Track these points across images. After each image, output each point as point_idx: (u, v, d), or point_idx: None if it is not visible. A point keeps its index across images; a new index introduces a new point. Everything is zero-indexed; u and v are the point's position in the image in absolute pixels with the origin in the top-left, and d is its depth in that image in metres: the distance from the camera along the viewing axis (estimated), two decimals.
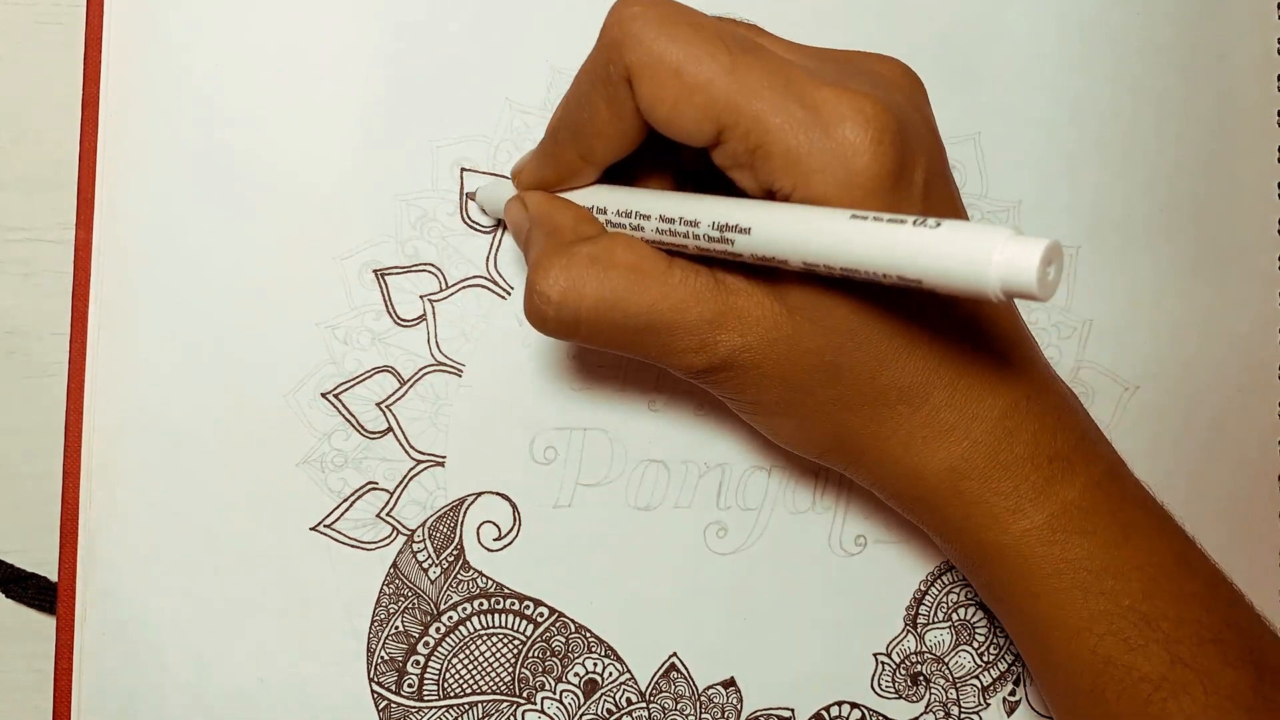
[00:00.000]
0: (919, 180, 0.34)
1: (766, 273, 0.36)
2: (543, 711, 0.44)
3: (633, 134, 0.36)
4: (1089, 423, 0.39)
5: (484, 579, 0.44)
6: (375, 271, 0.43)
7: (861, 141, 0.33)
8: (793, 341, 0.36)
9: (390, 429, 0.43)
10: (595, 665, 0.44)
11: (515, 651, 0.44)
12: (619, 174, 0.39)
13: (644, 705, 0.44)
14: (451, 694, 0.43)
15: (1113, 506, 0.38)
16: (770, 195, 0.35)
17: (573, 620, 0.44)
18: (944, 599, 0.45)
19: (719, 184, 0.36)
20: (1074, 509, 0.37)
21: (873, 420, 0.37)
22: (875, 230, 0.30)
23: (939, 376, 0.36)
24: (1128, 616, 0.37)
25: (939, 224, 0.29)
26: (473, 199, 0.44)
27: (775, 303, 0.36)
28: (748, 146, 0.34)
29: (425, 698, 0.43)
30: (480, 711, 0.44)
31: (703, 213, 0.35)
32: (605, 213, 0.38)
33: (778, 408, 0.38)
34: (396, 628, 0.43)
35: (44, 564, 0.44)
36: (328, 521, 0.43)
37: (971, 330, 0.37)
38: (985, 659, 0.46)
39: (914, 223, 0.29)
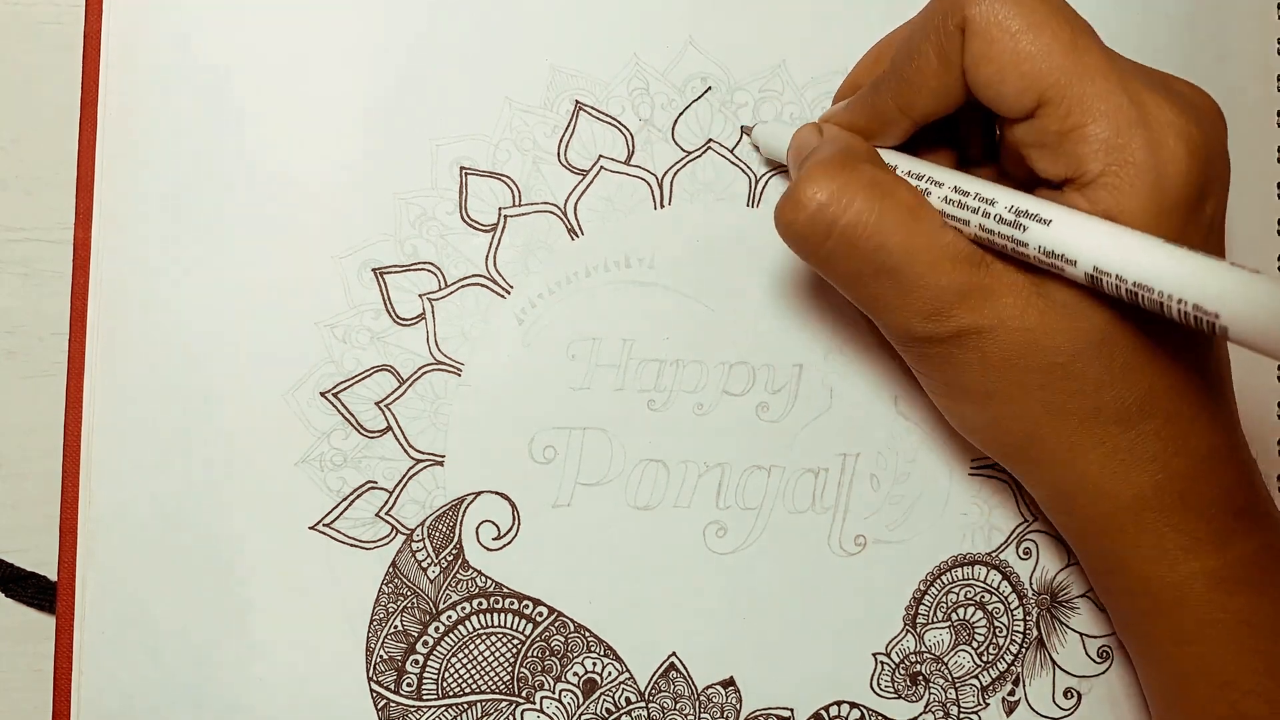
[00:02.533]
0: (1209, 211, 0.35)
1: (1028, 267, 0.36)
2: (542, 711, 0.44)
3: (956, 92, 0.36)
4: (1266, 491, 0.39)
5: (483, 578, 0.44)
6: (374, 270, 0.43)
7: (1180, 153, 0.33)
8: (1034, 335, 0.35)
9: (389, 428, 0.43)
10: (594, 665, 0.44)
11: (514, 651, 0.44)
12: (905, 147, 0.40)
13: (643, 705, 0.44)
14: (450, 693, 0.43)
15: None
16: (1064, 183, 0.35)
17: (572, 620, 0.44)
18: (943, 599, 0.45)
19: (997, 175, 0.38)
20: (1248, 563, 0.37)
21: (1077, 431, 0.37)
22: (1187, 257, 0.31)
23: (1159, 404, 0.36)
24: (1279, 680, 0.37)
25: (1257, 273, 0.29)
26: (747, 134, 0.45)
27: (1032, 293, 0.36)
28: (1064, 126, 0.34)
29: (424, 697, 0.43)
30: (479, 711, 0.44)
31: (1002, 195, 0.35)
32: (894, 169, 0.38)
33: (980, 396, 0.38)
34: (396, 627, 0.43)
35: (44, 564, 0.44)
36: (327, 521, 0.43)
37: (1201, 366, 0.36)
38: (984, 659, 0.46)
39: (1231, 263, 0.30)
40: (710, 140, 0.45)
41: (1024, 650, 0.46)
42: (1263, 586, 0.37)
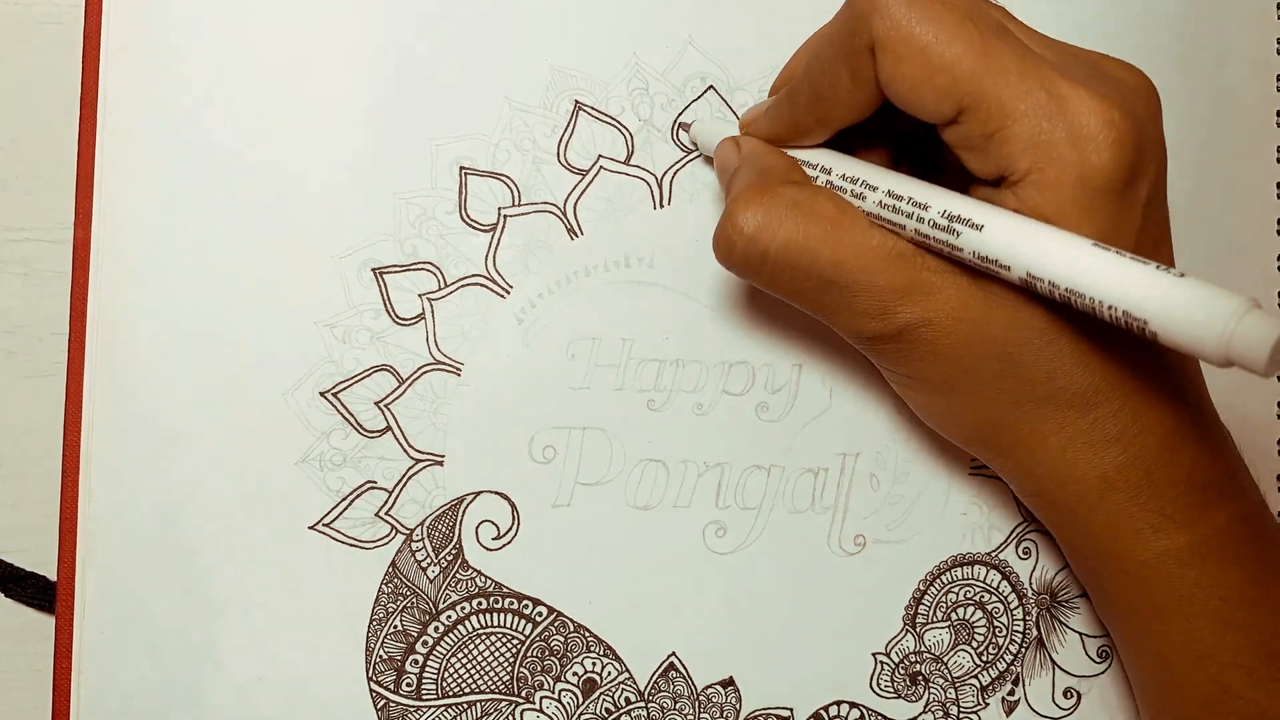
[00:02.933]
0: (1143, 193, 0.35)
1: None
2: (541, 711, 0.44)
3: (870, 103, 0.37)
4: (1240, 460, 0.39)
5: (483, 578, 0.44)
6: (374, 270, 0.43)
7: (1104, 140, 0.33)
8: (978, 326, 0.36)
9: (389, 428, 0.43)
10: (594, 664, 0.44)
11: (514, 651, 0.44)
12: (837, 142, 0.40)
13: (643, 705, 0.44)
14: (450, 693, 0.43)
15: (1257, 543, 0.38)
16: (998, 181, 0.35)
17: (571, 619, 0.44)
18: (943, 599, 0.45)
19: (935, 166, 0.38)
20: (1219, 537, 0.37)
21: (1035, 418, 0.37)
22: (1116, 263, 0.31)
23: (1115, 387, 0.36)
24: (1257, 651, 0.37)
25: (1182, 276, 0.30)
26: (685, 129, 0.45)
27: (972, 284, 0.36)
28: (986, 130, 0.34)
29: (424, 697, 0.43)
30: (479, 711, 0.44)
31: (936, 199, 0.35)
32: (829, 173, 0.38)
33: (940, 387, 0.38)
34: (395, 627, 0.43)
35: (44, 564, 0.44)
36: (326, 520, 0.43)
37: (1154, 346, 0.36)
38: (984, 659, 0.46)
39: (1156, 267, 0.30)
40: None
41: (1024, 650, 0.46)
42: (1237, 558, 0.37)
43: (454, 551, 0.44)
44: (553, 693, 0.44)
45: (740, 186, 0.38)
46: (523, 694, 0.44)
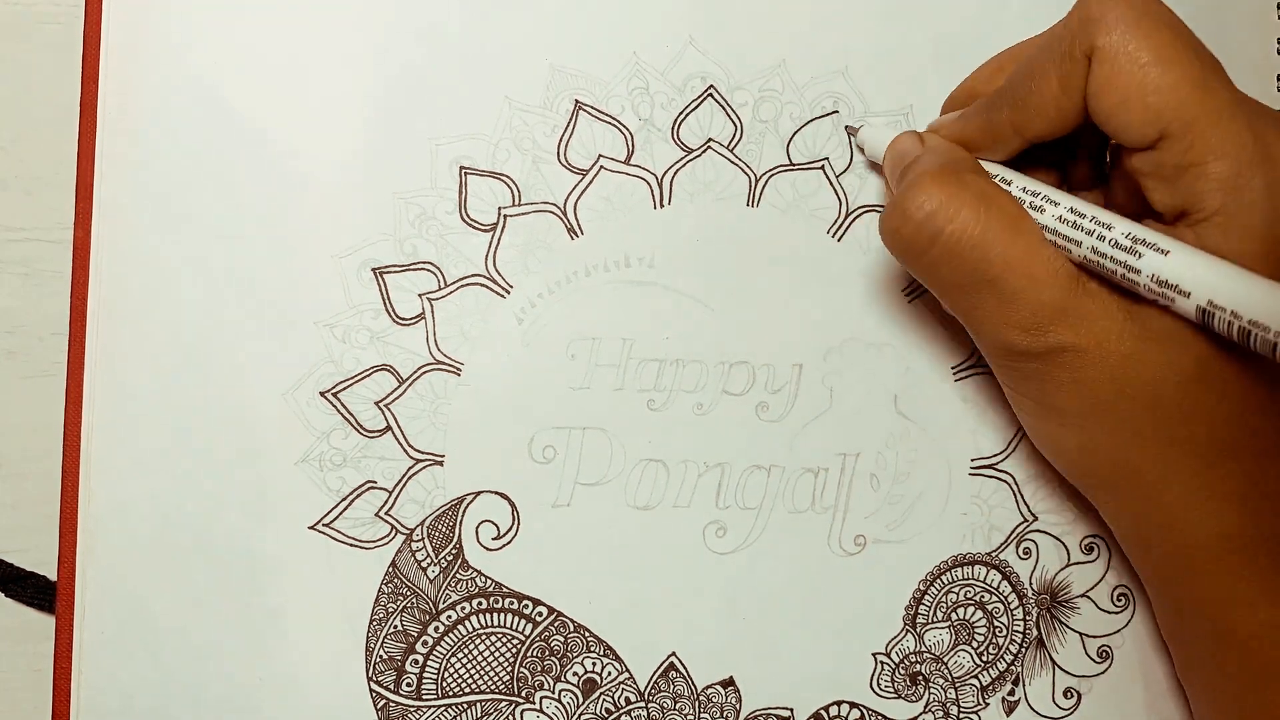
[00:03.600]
0: None
1: (1128, 293, 0.36)
2: (541, 711, 0.44)
3: (1071, 117, 0.37)
4: None
5: (483, 578, 0.44)
6: (374, 270, 0.43)
7: None
8: (1127, 361, 0.36)
9: (389, 428, 0.43)
10: (594, 665, 0.44)
11: (514, 651, 0.44)
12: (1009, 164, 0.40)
13: (643, 705, 0.44)
14: (450, 693, 0.43)
15: None
16: (1176, 217, 0.35)
17: (571, 620, 0.44)
18: (943, 599, 0.45)
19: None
20: None
21: (1163, 461, 0.36)
22: None
23: (1250, 442, 0.36)
24: None
25: None
26: (853, 134, 0.45)
27: (1128, 319, 0.36)
28: (1184, 161, 0.34)
29: (424, 697, 0.43)
30: (479, 711, 0.44)
31: (1118, 220, 0.35)
32: (1009, 185, 0.38)
33: (1069, 417, 0.38)
34: (395, 627, 0.43)
35: (44, 564, 0.44)
36: (326, 520, 0.43)
37: None
38: (984, 659, 0.46)
39: None
40: (710, 140, 0.45)
41: (1024, 650, 0.46)
42: None
43: (454, 551, 0.44)
44: (553, 693, 0.44)
45: (923, 168, 0.37)
46: (523, 694, 0.44)
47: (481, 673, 0.44)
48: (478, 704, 0.44)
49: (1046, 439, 0.40)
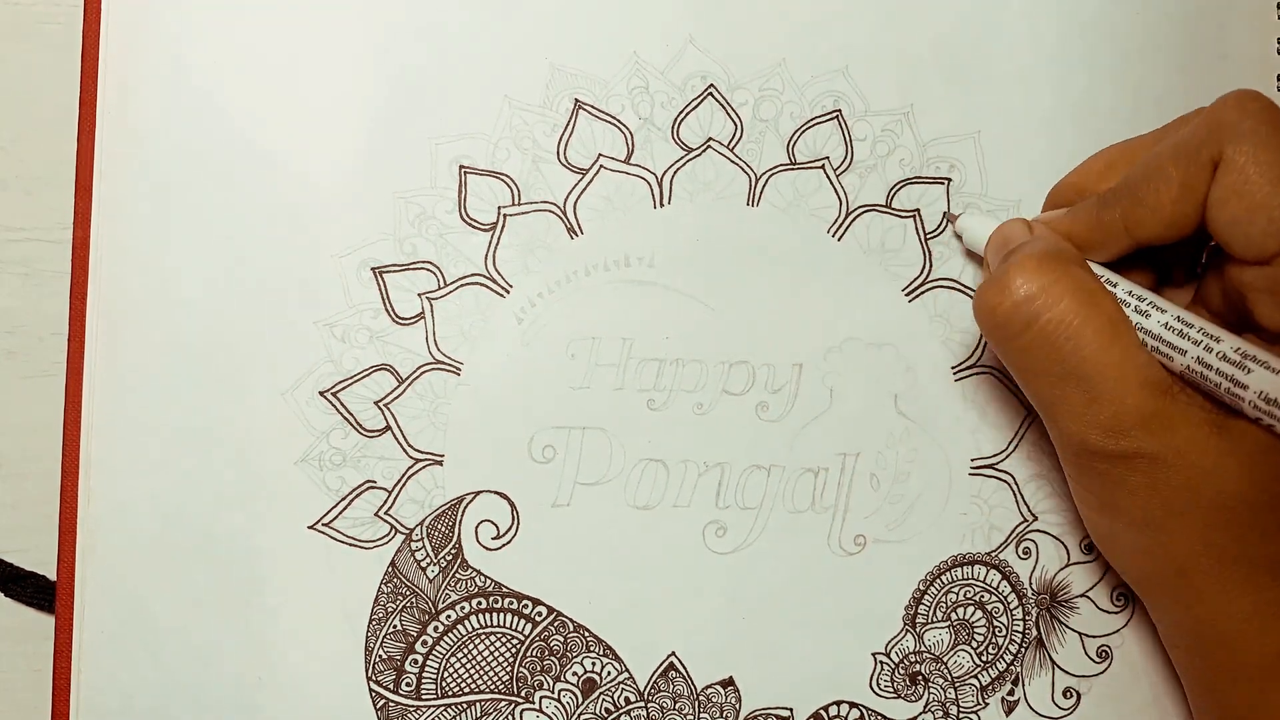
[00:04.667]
0: None
1: (1218, 405, 0.36)
2: (541, 711, 0.44)
3: (1188, 223, 0.36)
4: None
5: (482, 578, 0.44)
6: (373, 269, 0.43)
7: None
8: (1209, 476, 0.35)
9: (388, 427, 0.43)
10: (594, 664, 0.44)
11: (513, 651, 0.44)
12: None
13: (642, 705, 0.44)
14: (449, 693, 0.43)
15: None
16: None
17: (571, 619, 0.44)
18: (943, 599, 0.45)
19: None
20: None
21: (1230, 576, 0.36)
22: None
23: None
24: None
25: None
26: (951, 220, 0.45)
27: (1214, 432, 0.35)
28: None
29: (423, 697, 0.43)
30: (478, 710, 0.44)
31: (1225, 334, 0.35)
32: (1115, 286, 0.38)
33: (1136, 521, 0.37)
34: (395, 626, 0.43)
35: (44, 564, 0.44)
36: (326, 520, 0.43)
37: None
38: (984, 659, 0.45)
39: None
40: (710, 139, 0.45)
41: (1023, 650, 0.46)
42: None
43: (453, 551, 0.44)
44: (552, 693, 0.44)
45: (1029, 252, 0.37)
46: (522, 694, 0.44)
47: (481, 672, 0.44)
48: (477, 704, 0.44)
49: (1106, 535, 0.40)
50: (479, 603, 0.44)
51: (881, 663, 0.45)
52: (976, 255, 0.45)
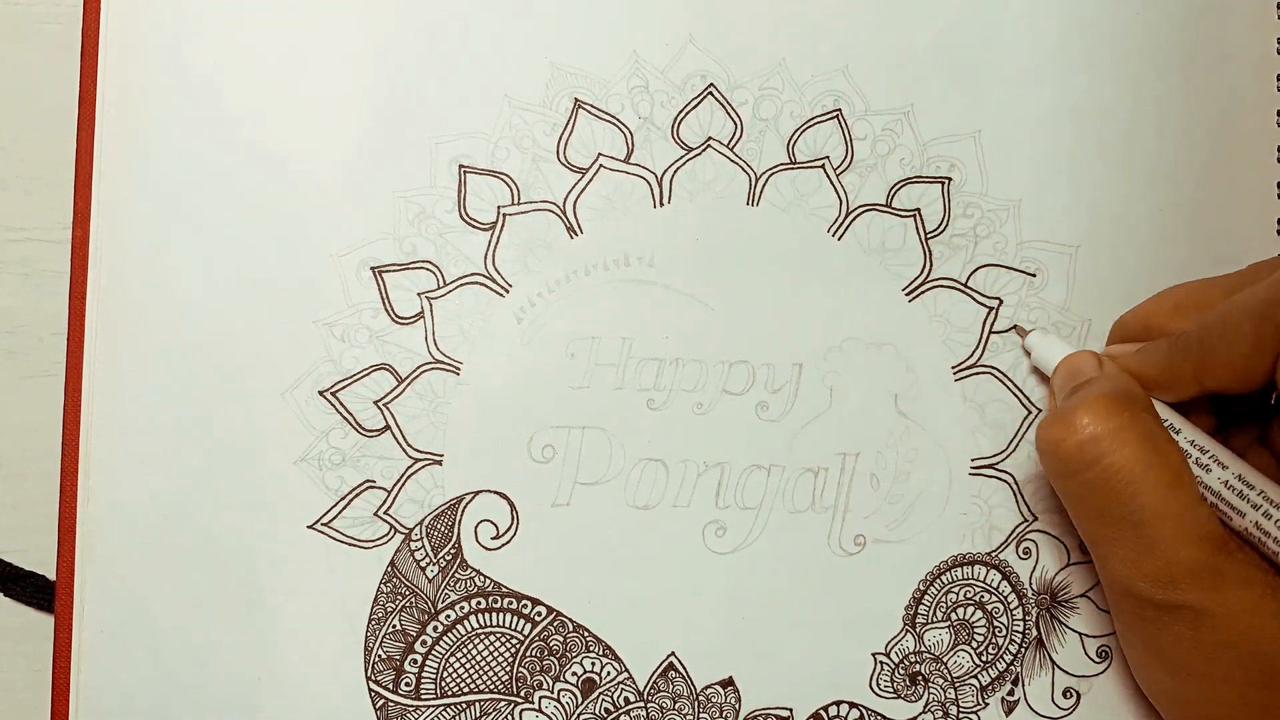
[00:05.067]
0: None
1: (1275, 565, 0.36)
2: (540, 711, 0.44)
3: (1257, 379, 0.36)
4: None
5: (482, 578, 0.44)
6: (373, 269, 0.43)
7: None
8: (1258, 636, 0.35)
9: (388, 427, 0.43)
10: (593, 664, 0.44)
11: (513, 650, 0.44)
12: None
13: (642, 705, 0.44)
14: (449, 693, 0.43)
15: None
16: None
17: (571, 619, 0.44)
18: (943, 599, 0.45)
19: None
20: None
21: None
22: None
23: None
24: None
25: None
26: (1020, 334, 0.45)
27: (1267, 594, 0.35)
28: None
29: (423, 696, 0.43)
30: (478, 710, 0.43)
31: None
32: (1178, 433, 0.39)
33: (1178, 670, 0.37)
34: (394, 626, 0.43)
35: (44, 564, 0.44)
36: (325, 520, 0.43)
37: None
38: (984, 659, 0.45)
39: None
40: (710, 138, 0.45)
41: (1023, 650, 0.46)
42: None
43: (453, 551, 0.44)
44: (552, 692, 0.44)
45: (1099, 390, 0.37)
46: (522, 694, 0.44)
47: (480, 672, 0.44)
48: (477, 704, 0.44)
49: (1146, 677, 0.40)
50: (478, 602, 0.44)
51: (881, 663, 0.45)
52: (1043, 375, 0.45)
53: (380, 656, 0.43)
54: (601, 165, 0.44)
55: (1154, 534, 0.36)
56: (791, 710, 0.45)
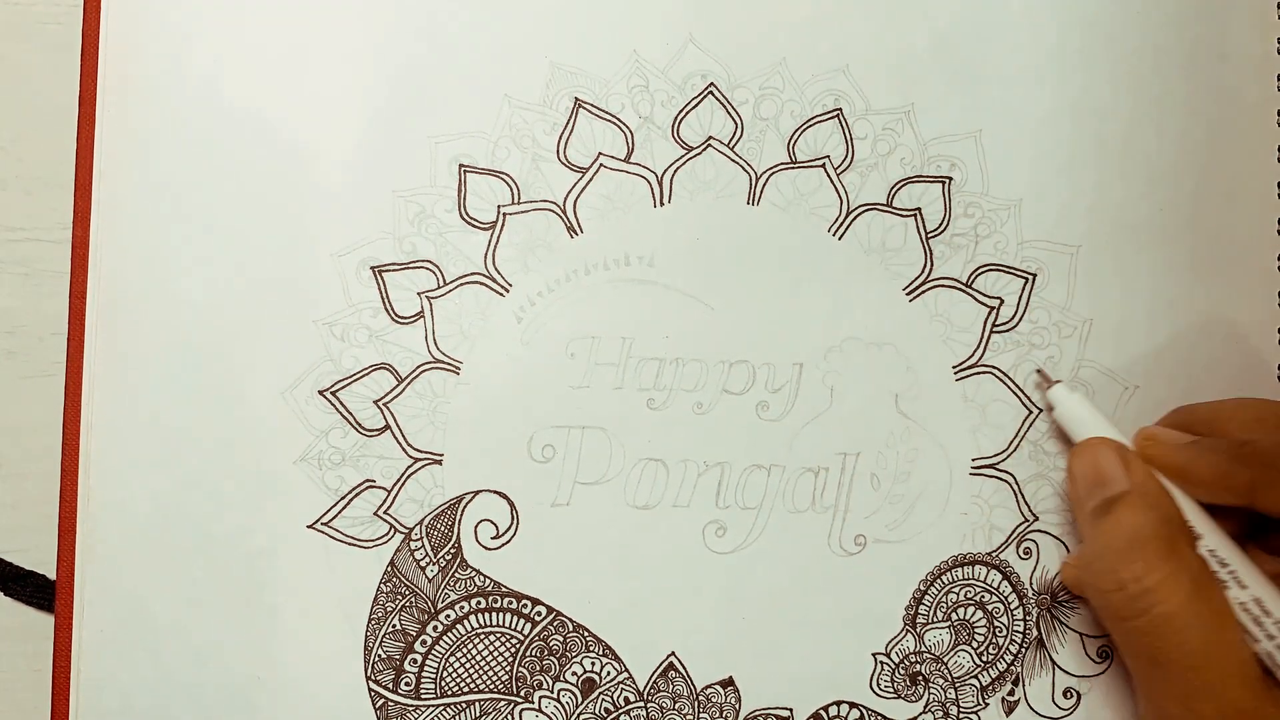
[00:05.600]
0: None
1: None
2: (540, 710, 0.44)
3: None
4: None
5: (482, 577, 0.44)
6: (373, 268, 0.43)
7: None
8: None
9: (388, 426, 0.43)
10: (593, 664, 0.44)
11: (513, 650, 0.44)
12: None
13: (642, 704, 0.44)
14: (449, 692, 0.43)
15: None
16: None
17: (571, 619, 0.44)
18: (943, 599, 0.45)
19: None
20: None
21: None
22: None
23: None
24: None
25: None
26: (1044, 386, 0.45)
27: None
28: None
29: (422, 696, 0.43)
30: (478, 710, 0.43)
31: None
32: (1200, 540, 0.39)
33: None
34: (394, 626, 0.43)
35: (44, 564, 0.44)
36: (325, 519, 0.43)
37: None
38: (984, 659, 0.45)
39: None
40: (710, 138, 0.45)
41: (1024, 650, 0.46)
42: None
43: (453, 551, 0.44)
44: (552, 692, 0.44)
45: (1140, 529, 0.37)
46: (522, 693, 0.44)
47: (480, 672, 0.44)
48: (476, 703, 0.43)
49: None
50: (478, 602, 0.44)
51: (881, 663, 0.45)
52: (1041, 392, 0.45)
53: (380, 656, 0.43)
54: (602, 165, 0.44)
55: (1204, 677, 0.36)
56: (791, 710, 0.45)
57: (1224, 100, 0.47)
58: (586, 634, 0.44)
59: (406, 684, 0.43)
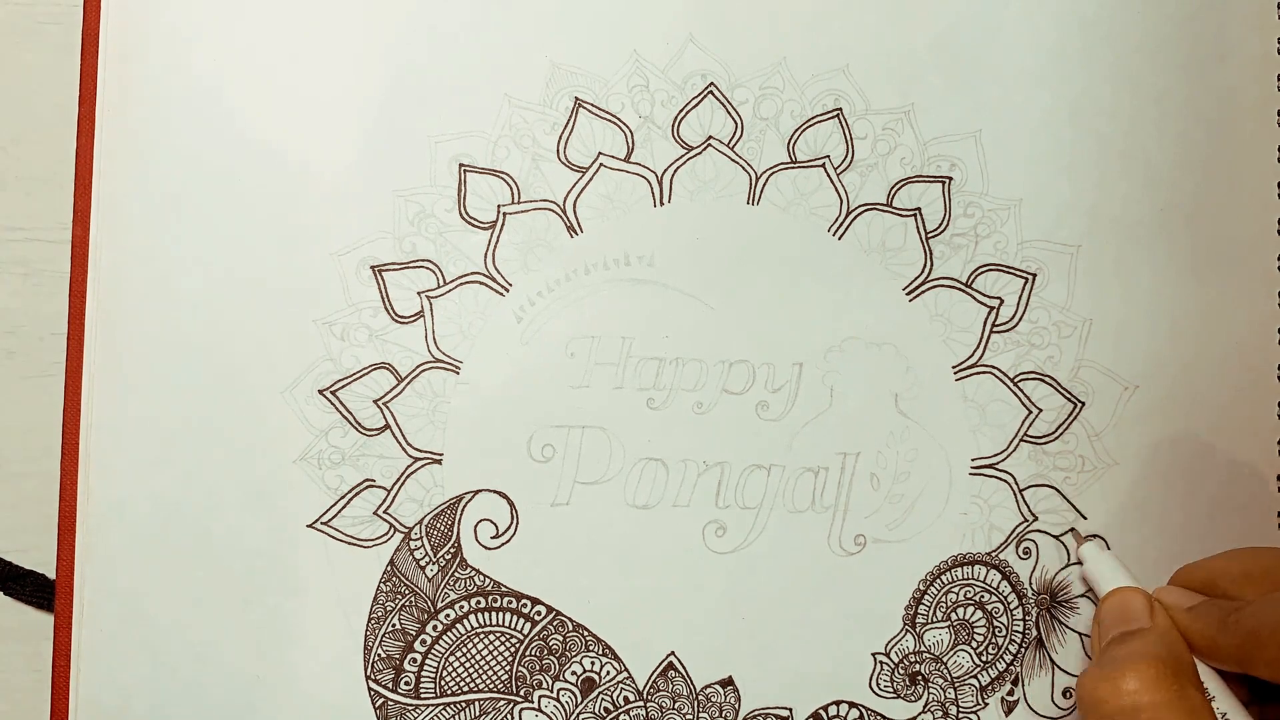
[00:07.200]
0: None
1: None
2: (540, 710, 0.44)
3: None
4: None
5: (481, 577, 0.44)
6: (373, 268, 0.43)
7: None
8: None
9: (387, 426, 0.43)
10: (593, 664, 0.44)
11: (512, 650, 0.44)
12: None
13: (641, 704, 0.44)
14: (449, 692, 0.43)
15: None
16: None
17: (570, 619, 0.44)
18: (943, 599, 0.45)
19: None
20: None
21: None
22: None
23: None
24: None
25: None
26: (1076, 540, 0.45)
27: None
28: None
29: (422, 695, 0.43)
30: (477, 709, 0.43)
31: None
32: (1212, 700, 0.39)
33: None
34: (394, 625, 0.43)
35: (45, 564, 0.44)
36: (325, 519, 0.43)
37: None
38: (983, 659, 0.45)
39: None
40: (710, 137, 0.45)
41: (1023, 650, 0.46)
42: None
43: (452, 550, 0.44)
44: (551, 692, 0.44)
45: (1151, 655, 0.38)
46: (521, 693, 0.44)
47: (480, 671, 0.44)
48: (476, 703, 0.43)
49: None
50: (478, 602, 0.44)
51: (881, 663, 0.45)
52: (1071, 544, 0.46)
53: (380, 655, 0.43)
54: (602, 164, 0.44)
55: None
56: (791, 710, 0.45)
57: (1224, 100, 0.47)
58: (586, 633, 0.44)
59: (406, 683, 0.43)
